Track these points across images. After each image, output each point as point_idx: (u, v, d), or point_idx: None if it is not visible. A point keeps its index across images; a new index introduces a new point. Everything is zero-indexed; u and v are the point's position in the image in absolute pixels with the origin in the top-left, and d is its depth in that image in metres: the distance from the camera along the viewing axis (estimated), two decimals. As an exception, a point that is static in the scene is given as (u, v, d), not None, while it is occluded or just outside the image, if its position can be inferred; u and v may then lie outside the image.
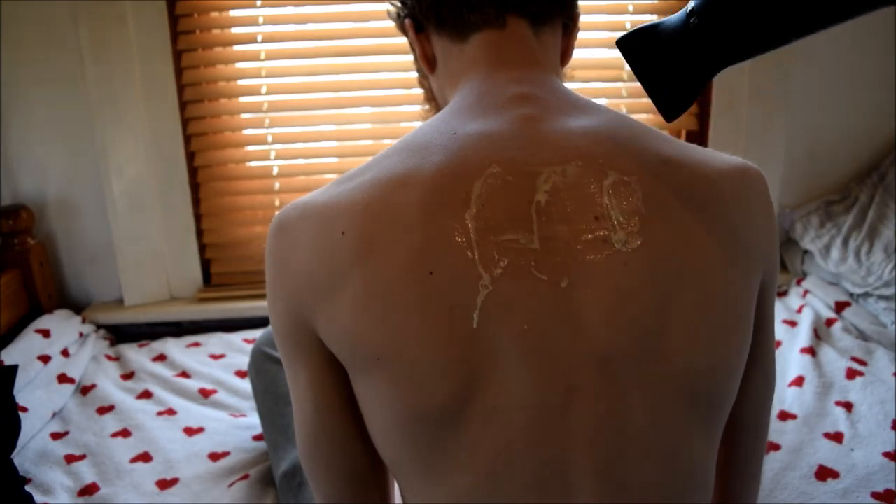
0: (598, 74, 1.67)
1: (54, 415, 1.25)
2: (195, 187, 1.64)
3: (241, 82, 1.62)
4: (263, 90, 1.59)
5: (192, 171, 1.63)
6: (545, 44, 0.65)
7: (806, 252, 1.67)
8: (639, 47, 0.51)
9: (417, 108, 0.82)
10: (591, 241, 0.52)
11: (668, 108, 0.51)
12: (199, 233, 1.67)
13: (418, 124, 0.62)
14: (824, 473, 1.03)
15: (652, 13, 1.64)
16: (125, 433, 1.21)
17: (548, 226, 0.52)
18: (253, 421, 1.22)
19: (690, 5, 0.48)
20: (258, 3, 1.55)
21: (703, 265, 0.54)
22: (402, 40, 0.73)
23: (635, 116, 0.63)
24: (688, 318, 0.53)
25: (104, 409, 1.28)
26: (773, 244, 0.61)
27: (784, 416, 1.18)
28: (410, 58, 0.74)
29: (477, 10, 0.63)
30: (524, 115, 0.57)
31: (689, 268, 0.53)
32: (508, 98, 0.58)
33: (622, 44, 0.52)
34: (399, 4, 0.71)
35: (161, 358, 1.48)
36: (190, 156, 1.62)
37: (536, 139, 0.55)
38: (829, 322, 1.44)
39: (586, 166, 0.53)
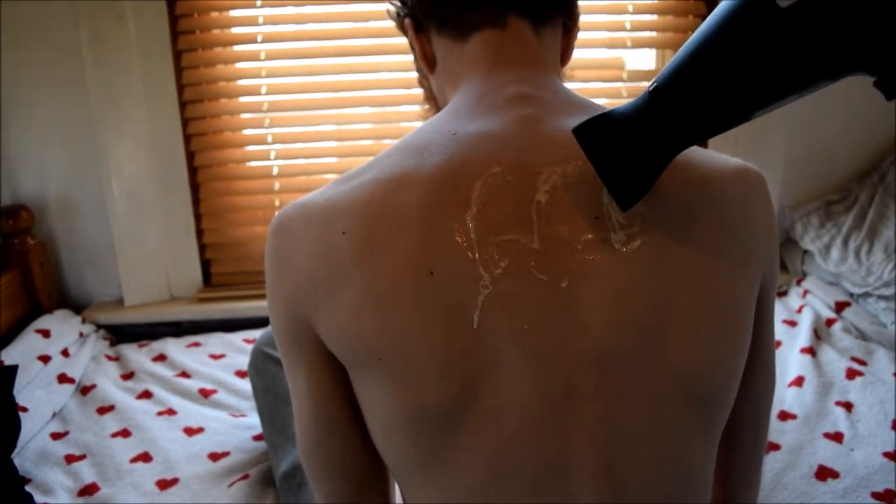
0: (597, 74, 1.67)
1: (54, 415, 1.25)
2: (195, 187, 1.64)
3: (241, 82, 1.62)
4: (263, 90, 1.60)
5: (192, 171, 1.63)
6: (545, 44, 0.65)
7: (806, 252, 1.67)
8: (595, 133, 0.50)
9: (417, 108, 0.82)
10: (591, 241, 0.52)
11: (625, 193, 0.50)
12: (199, 233, 1.67)
13: (418, 124, 0.62)
14: (824, 473, 1.03)
15: (651, 13, 1.64)
16: (125, 433, 1.21)
17: (548, 226, 0.52)
18: (253, 421, 1.22)
19: (652, 85, 0.48)
20: (258, 3, 1.55)
21: (703, 266, 0.54)
22: (402, 40, 0.73)
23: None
24: (688, 319, 0.53)
25: (104, 409, 1.28)
26: (774, 245, 0.61)
27: (784, 416, 1.18)
28: (410, 58, 0.74)
29: (477, 10, 0.63)
30: (524, 115, 0.57)
31: (689, 268, 0.53)
32: (509, 98, 0.58)
33: (579, 132, 0.50)
34: (399, 4, 0.71)
35: (161, 358, 1.48)
36: (190, 156, 1.62)
37: (537, 139, 0.55)
38: (829, 322, 1.44)
39: (586, 166, 0.53)
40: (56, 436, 1.20)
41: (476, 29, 0.63)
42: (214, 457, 1.14)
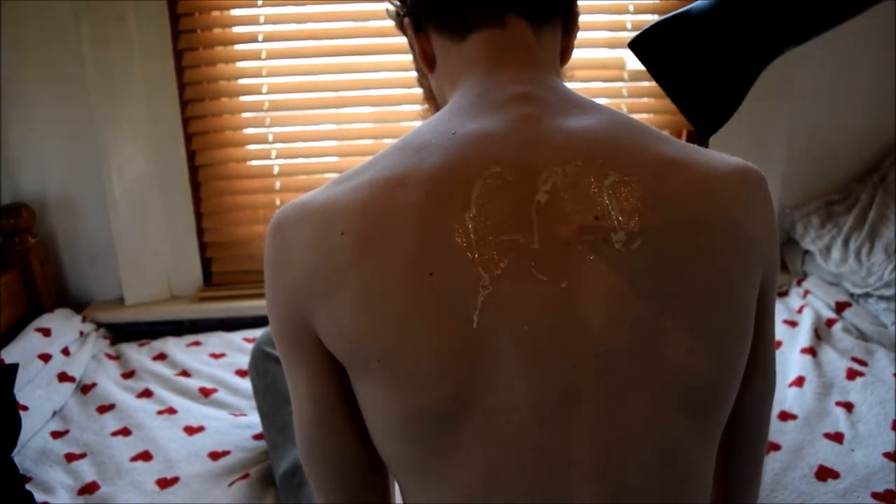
0: (598, 74, 1.66)
1: (54, 413, 1.25)
2: (196, 186, 1.64)
3: (241, 81, 1.62)
4: (264, 89, 1.60)
5: (193, 170, 1.63)
6: (545, 43, 0.65)
7: (806, 252, 1.66)
8: (661, 44, 0.40)
9: (417, 107, 0.82)
10: (591, 241, 0.52)
11: (709, 115, 0.41)
12: (200, 232, 1.67)
13: (418, 124, 0.62)
14: (824, 474, 1.03)
15: (653, 13, 1.64)
16: (125, 432, 1.21)
17: (548, 226, 0.52)
18: (253, 420, 1.22)
19: None
20: (259, 2, 1.55)
21: (704, 266, 0.54)
22: (402, 39, 0.73)
23: (636, 116, 0.62)
24: (688, 319, 0.53)
25: (104, 408, 1.28)
26: (774, 245, 0.61)
27: (784, 416, 1.18)
28: (410, 57, 0.74)
29: (476, 10, 0.63)
30: (524, 115, 0.57)
31: (690, 268, 0.53)
32: (508, 97, 0.58)
33: (637, 44, 0.41)
34: (398, 3, 0.71)
35: (161, 357, 1.48)
36: (190, 155, 1.62)
37: (536, 139, 0.55)
38: (830, 322, 1.44)
39: (586, 166, 0.53)
40: (56, 434, 1.20)
41: (475, 28, 0.63)
42: (214, 456, 1.14)
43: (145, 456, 1.15)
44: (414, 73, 0.78)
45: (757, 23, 0.38)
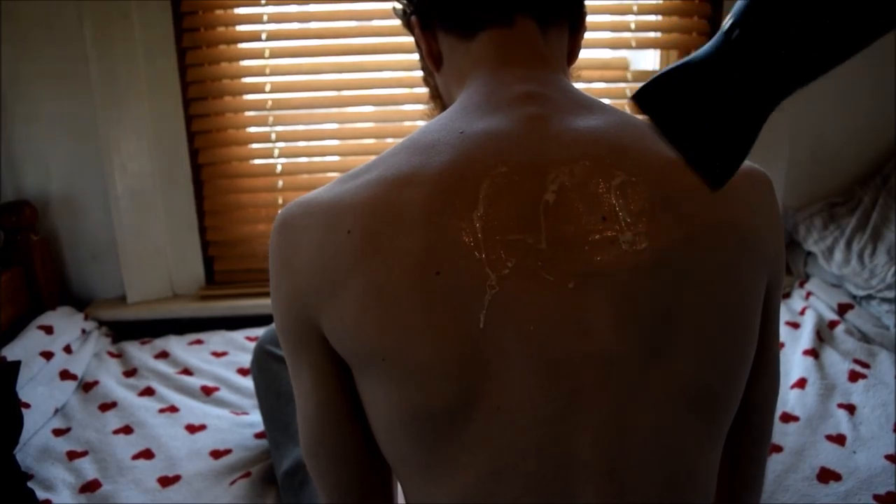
0: (601, 75, 1.66)
1: (56, 411, 1.25)
2: (198, 185, 1.64)
3: (244, 80, 1.62)
4: (267, 88, 1.60)
5: (196, 169, 1.63)
6: (552, 42, 0.65)
7: (809, 254, 1.66)
8: (665, 93, 0.39)
9: (420, 106, 0.82)
10: (598, 241, 0.52)
11: (717, 165, 0.39)
12: (202, 230, 1.67)
13: (421, 123, 0.62)
14: (826, 475, 1.03)
15: (656, 13, 1.64)
16: (127, 430, 1.21)
17: (555, 226, 0.52)
18: (255, 419, 1.22)
19: (729, 21, 0.38)
20: (262, 0, 1.55)
21: (710, 267, 0.53)
22: (406, 39, 0.73)
23: (641, 117, 0.62)
24: (694, 321, 0.53)
25: (106, 406, 1.28)
26: (780, 247, 0.61)
27: (786, 417, 1.18)
28: (414, 56, 0.74)
29: (485, 9, 0.63)
30: (532, 115, 0.56)
31: (696, 270, 0.53)
32: (516, 97, 0.58)
33: (642, 96, 0.39)
34: (405, 1, 0.71)
35: (163, 355, 1.48)
36: (193, 153, 1.62)
37: (544, 139, 0.55)
38: (832, 324, 1.44)
39: (594, 166, 0.53)
40: (58, 432, 1.20)
41: (483, 27, 0.63)
42: (216, 454, 1.14)
43: (147, 454, 1.15)
44: (417, 73, 0.78)
45: (760, 68, 0.37)
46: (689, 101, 0.38)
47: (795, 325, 1.47)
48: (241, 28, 1.59)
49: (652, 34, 1.64)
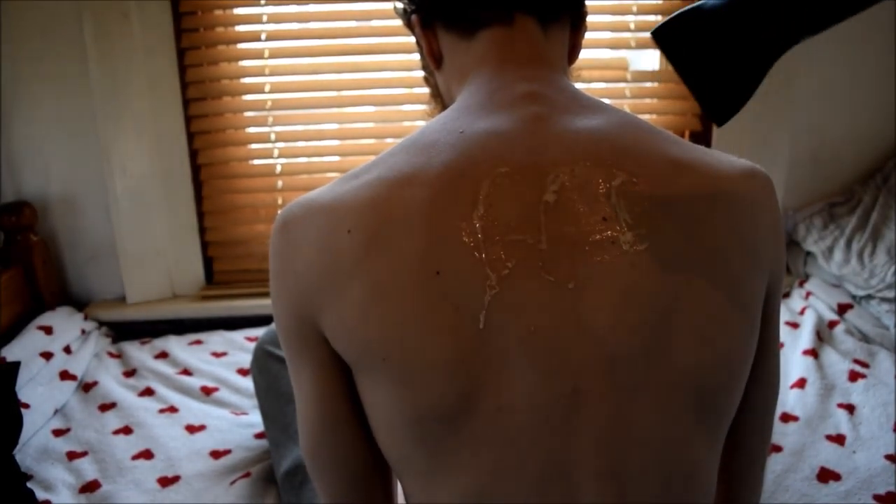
0: (601, 75, 1.66)
1: (56, 411, 1.25)
2: (198, 185, 1.64)
3: (244, 80, 1.62)
4: (267, 88, 1.60)
5: (195, 169, 1.63)
6: (553, 42, 0.65)
7: (809, 254, 1.66)
8: (679, 34, 0.42)
9: (421, 106, 0.82)
10: (598, 241, 0.52)
11: (720, 105, 0.42)
12: (202, 231, 1.67)
13: (421, 123, 0.62)
14: (826, 475, 1.03)
15: (656, 13, 1.64)
16: (127, 430, 1.21)
17: (556, 226, 0.52)
18: (255, 419, 1.22)
19: None
20: (262, 1, 1.55)
21: (710, 267, 0.54)
22: (406, 39, 0.73)
23: (640, 117, 0.62)
24: (694, 320, 0.53)
25: (106, 407, 1.28)
26: (780, 247, 0.61)
27: (786, 417, 1.18)
28: (414, 56, 0.74)
29: (485, 7, 0.63)
30: (532, 114, 0.56)
31: (696, 270, 0.53)
32: (517, 96, 0.58)
33: (659, 34, 0.43)
34: (406, 0, 0.71)
35: (163, 355, 1.48)
36: (193, 154, 1.62)
37: (545, 139, 0.55)
38: (832, 324, 1.44)
39: (595, 167, 0.53)
40: (58, 432, 1.20)
41: (484, 26, 0.63)
42: (216, 455, 1.14)
43: (146, 454, 1.15)
44: (417, 73, 0.78)
45: (771, 14, 0.39)
46: (702, 42, 0.41)
47: (795, 325, 1.47)
48: (240, 28, 1.59)
49: (652, 34, 1.64)
